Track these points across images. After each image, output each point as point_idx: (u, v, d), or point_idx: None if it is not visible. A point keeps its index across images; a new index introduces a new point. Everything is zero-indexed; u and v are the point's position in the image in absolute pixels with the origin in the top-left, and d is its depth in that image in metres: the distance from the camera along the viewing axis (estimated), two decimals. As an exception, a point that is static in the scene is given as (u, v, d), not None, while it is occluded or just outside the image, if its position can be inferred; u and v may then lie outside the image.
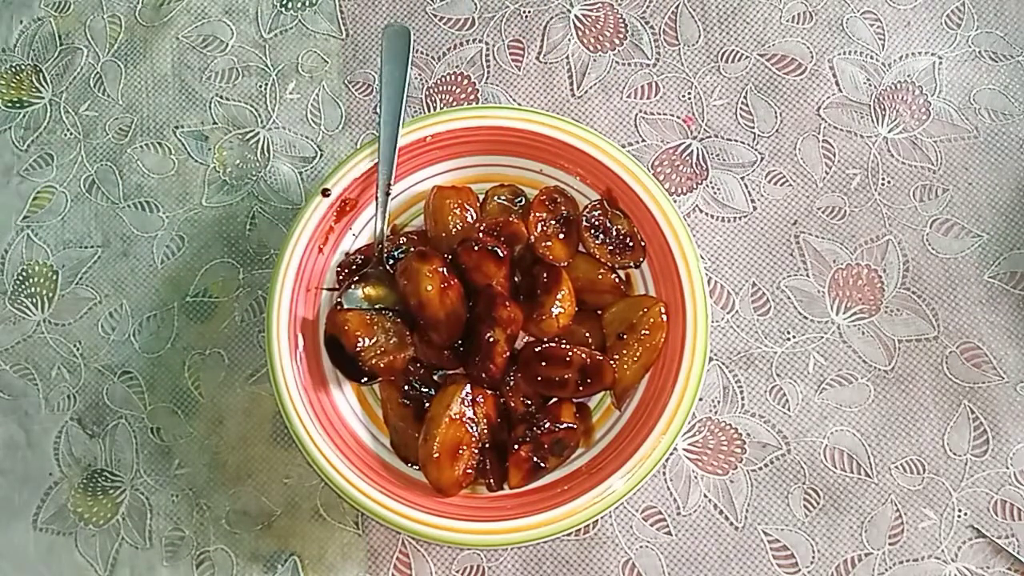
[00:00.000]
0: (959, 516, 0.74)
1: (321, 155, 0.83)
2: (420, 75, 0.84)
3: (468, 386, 0.69)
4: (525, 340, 0.74)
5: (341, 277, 0.74)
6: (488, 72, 0.84)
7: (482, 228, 0.71)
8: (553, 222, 0.73)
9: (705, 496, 0.75)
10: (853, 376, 0.77)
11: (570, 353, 0.69)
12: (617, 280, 0.73)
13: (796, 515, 0.74)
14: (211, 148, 0.83)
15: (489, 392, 0.70)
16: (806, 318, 0.78)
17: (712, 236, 0.80)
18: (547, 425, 0.69)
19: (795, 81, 0.83)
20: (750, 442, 0.76)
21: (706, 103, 0.83)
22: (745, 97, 0.83)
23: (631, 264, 0.73)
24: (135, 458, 0.77)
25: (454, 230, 0.73)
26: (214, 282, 0.80)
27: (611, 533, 0.74)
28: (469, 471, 0.68)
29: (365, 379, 0.72)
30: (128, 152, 0.83)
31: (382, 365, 0.69)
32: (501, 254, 0.69)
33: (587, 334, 0.72)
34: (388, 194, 0.72)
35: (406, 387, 0.71)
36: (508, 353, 0.69)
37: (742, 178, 0.81)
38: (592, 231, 0.73)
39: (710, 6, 0.85)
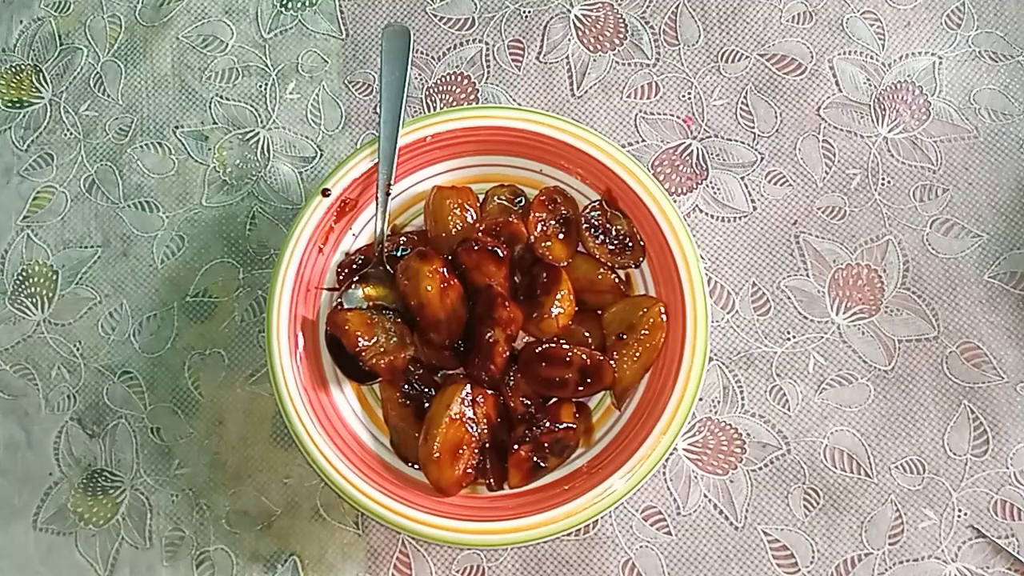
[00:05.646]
0: (959, 516, 0.74)
1: (321, 155, 0.83)
2: (420, 75, 0.84)
3: (468, 386, 0.69)
4: (525, 340, 0.74)
5: (341, 277, 0.74)
6: (488, 72, 0.84)
7: (482, 228, 0.71)
8: (553, 222, 0.73)
9: (705, 496, 0.75)
10: (853, 376, 0.77)
11: (570, 353, 0.69)
12: (617, 280, 0.73)
13: (796, 515, 0.74)
14: (211, 148, 0.83)
15: (489, 392, 0.70)
16: (806, 318, 0.78)
17: (712, 236, 0.80)
18: (547, 425, 0.69)
19: (795, 81, 0.83)
20: (750, 442, 0.76)
21: (706, 103, 0.83)
22: (745, 97, 0.83)
23: (631, 264, 0.73)
24: (135, 458, 0.77)
25: (454, 230, 0.73)
26: (214, 282, 0.80)
27: (611, 533, 0.74)
28: (469, 471, 0.68)
29: (366, 379, 0.72)
30: (128, 152, 0.83)
31: (382, 365, 0.69)
32: (501, 254, 0.69)
33: (587, 334, 0.72)
34: (388, 194, 0.72)
35: (406, 387, 0.71)
36: (508, 353, 0.69)
37: (742, 178, 0.81)
38: (592, 231, 0.73)
39: (710, 6, 0.85)
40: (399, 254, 0.74)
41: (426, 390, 0.71)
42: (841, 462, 0.75)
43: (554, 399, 0.72)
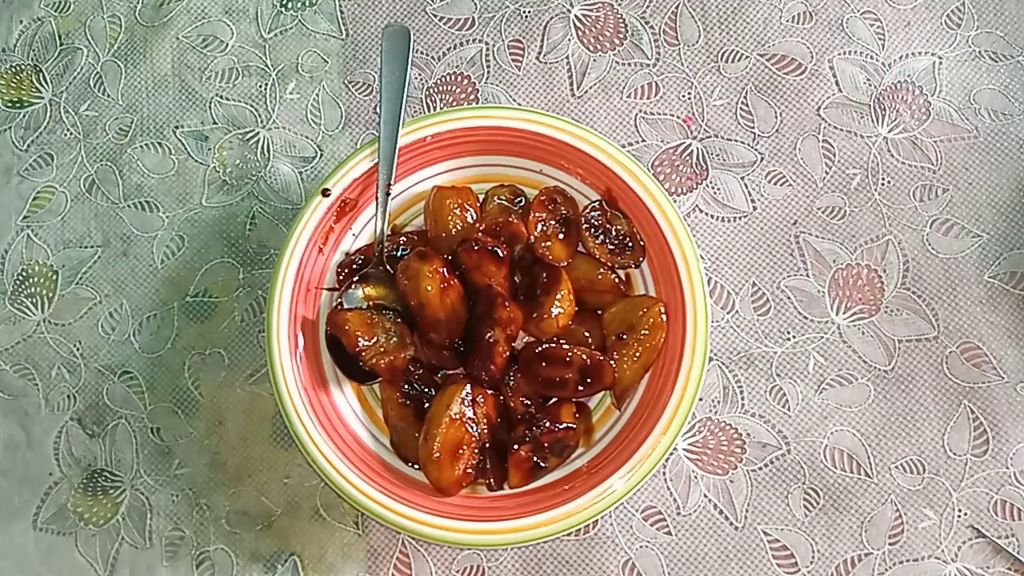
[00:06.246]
0: (959, 516, 0.74)
1: (321, 155, 0.83)
2: (420, 75, 0.84)
3: (468, 386, 0.69)
4: (525, 340, 0.74)
5: (341, 277, 0.74)
6: (488, 72, 0.84)
7: (482, 228, 0.71)
8: (553, 222, 0.73)
9: (705, 496, 0.75)
10: (853, 376, 0.77)
11: (570, 353, 0.69)
12: (617, 280, 0.73)
13: (796, 515, 0.74)
14: (211, 148, 0.83)
15: (489, 392, 0.70)
16: (806, 318, 0.78)
17: (712, 236, 0.80)
18: (547, 425, 0.69)
19: (795, 81, 0.83)
20: (750, 442, 0.76)
21: (706, 103, 0.83)
22: (745, 97, 0.83)
23: (631, 264, 0.73)
24: (135, 458, 0.77)
25: (454, 230, 0.73)
26: (214, 282, 0.80)
27: (611, 533, 0.74)
28: (469, 471, 0.68)
29: (366, 379, 0.72)
30: (128, 152, 0.83)
31: (383, 365, 0.69)
32: (501, 254, 0.69)
33: (587, 334, 0.72)
34: (388, 194, 0.72)
35: (406, 387, 0.71)
36: (508, 353, 0.69)
37: (742, 178, 0.81)
38: (592, 231, 0.73)
39: (710, 6, 0.85)
40: (399, 254, 0.74)
41: (426, 390, 0.71)
42: (841, 462, 0.75)
43: (554, 399, 0.72)
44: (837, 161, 0.81)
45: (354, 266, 0.74)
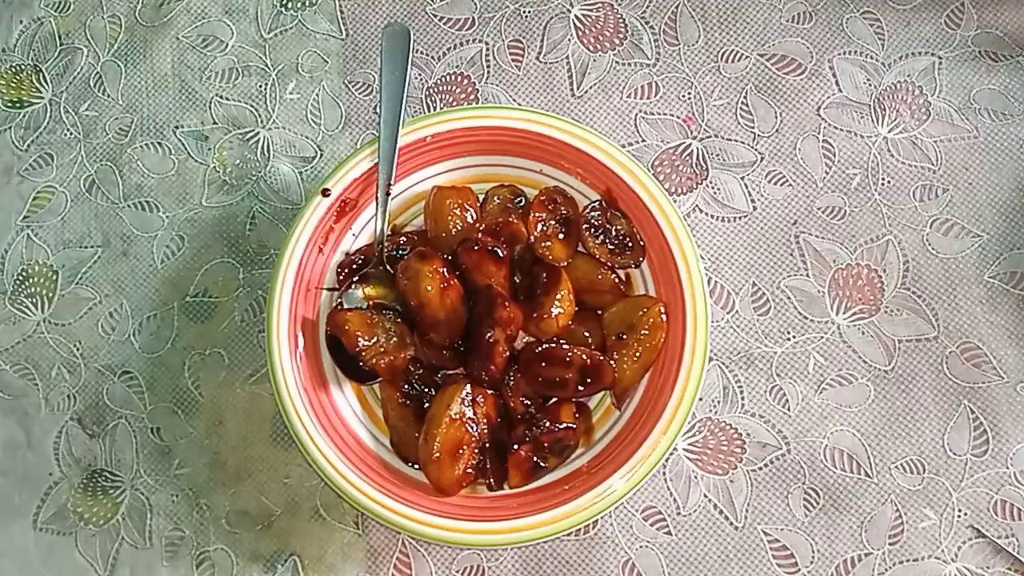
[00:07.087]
0: (959, 516, 0.74)
1: (321, 155, 0.83)
2: (420, 75, 0.84)
3: (468, 386, 0.69)
4: (525, 340, 0.74)
5: (341, 277, 0.74)
6: (488, 72, 0.84)
7: (482, 228, 0.71)
8: (553, 222, 0.73)
9: (705, 496, 0.75)
10: (853, 376, 0.77)
11: (570, 353, 0.69)
12: (617, 280, 0.73)
13: (796, 515, 0.74)
14: (211, 148, 0.83)
15: (489, 392, 0.70)
16: (806, 318, 0.78)
17: (712, 236, 0.80)
18: (547, 425, 0.69)
19: (795, 81, 0.83)
20: (750, 442, 0.76)
21: (706, 103, 0.83)
22: (745, 97, 0.83)
23: (631, 264, 0.73)
24: (135, 458, 0.77)
25: (454, 230, 0.73)
26: (214, 282, 0.80)
27: (611, 533, 0.74)
28: (469, 471, 0.68)
29: (366, 379, 0.72)
30: (128, 152, 0.83)
31: (383, 365, 0.69)
32: (501, 254, 0.69)
33: (587, 334, 0.72)
34: (388, 194, 0.72)
35: (406, 387, 0.71)
36: (508, 353, 0.69)
37: (742, 178, 0.81)
38: (592, 231, 0.73)
39: (710, 6, 0.85)
40: (399, 254, 0.74)
41: (426, 390, 0.71)
42: (841, 462, 0.75)
43: (554, 399, 0.72)
44: (837, 161, 0.81)
45: (354, 266, 0.74)
